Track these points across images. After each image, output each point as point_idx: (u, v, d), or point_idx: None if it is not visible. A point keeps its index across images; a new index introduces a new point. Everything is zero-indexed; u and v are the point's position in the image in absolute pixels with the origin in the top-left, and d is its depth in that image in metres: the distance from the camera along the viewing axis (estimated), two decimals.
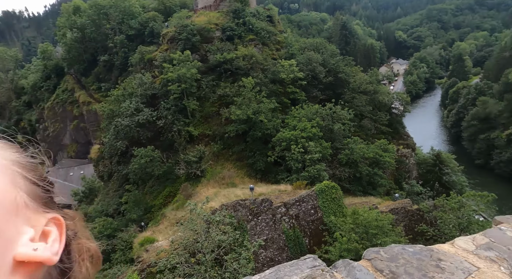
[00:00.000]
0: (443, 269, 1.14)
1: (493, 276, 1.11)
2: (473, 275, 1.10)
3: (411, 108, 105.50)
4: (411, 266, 1.17)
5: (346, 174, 29.22)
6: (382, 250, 1.29)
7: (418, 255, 1.24)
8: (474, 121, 65.05)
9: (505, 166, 54.04)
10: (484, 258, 1.20)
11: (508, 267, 1.13)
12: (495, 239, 1.28)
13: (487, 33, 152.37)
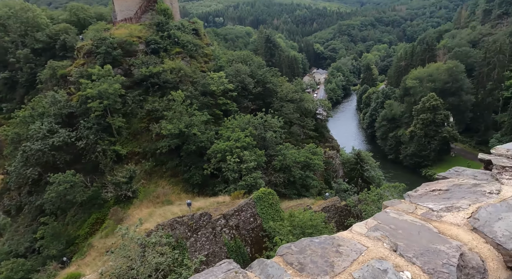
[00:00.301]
0: (341, 253, 1.34)
1: (377, 252, 1.35)
2: (363, 254, 1.33)
3: (333, 113, 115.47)
4: (316, 255, 1.32)
5: (281, 179, 30.51)
6: (293, 244, 1.41)
7: (323, 244, 1.39)
8: (384, 122, 74.36)
9: (410, 159, 62.83)
10: (372, 238, 1.44)
11: (389, 242, 1.40)
12: (381, 221, 1.57)
13: (387, 46, 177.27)
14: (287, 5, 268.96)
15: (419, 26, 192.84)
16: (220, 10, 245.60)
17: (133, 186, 22.16)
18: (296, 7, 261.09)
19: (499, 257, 1.20)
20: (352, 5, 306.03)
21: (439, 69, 71.55)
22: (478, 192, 1.49)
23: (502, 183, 1.48)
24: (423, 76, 72.43)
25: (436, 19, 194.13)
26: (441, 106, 61.46)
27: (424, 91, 67.48)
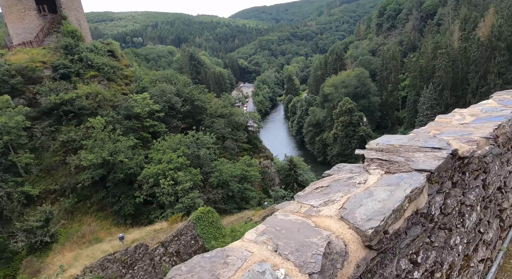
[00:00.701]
0: (228, 264, 1.33)
1: (260, 255, 1.37)
2: (247, 260, 1.33)
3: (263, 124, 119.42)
4: (204, 271, 1.29)
5: (220, 195, 30.16)
6: (183, 264, 1.36)
7: (213, 258, 1.37)
8: (310, 127, 79.89)
9: (336, 158, 68.40)
10: (259, 243, 1.46)
11: (272, 244, 1.45)
12: (269, 224, 1.62)
13: (304, 58, 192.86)
14: (207, 23, 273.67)
15: (328, 39, 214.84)
16: (138, 30, 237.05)
17: (51, 229, 19.28)
18: (217, 25, 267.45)
19: (358, 239, 1.39)
20: (269, 22, 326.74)
21: (349, 76, 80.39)
22: (351, 184, 1.71)
23: (370, 173, 1.72)
24: (337, 83, 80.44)
25: (341, 32, 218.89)
26: (355, 108, 68.77)
27: (340, 96, 74.87)
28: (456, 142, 1.79)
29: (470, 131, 2.05)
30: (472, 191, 1.78)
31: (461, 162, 1.71)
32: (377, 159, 1.78)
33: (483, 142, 1.91)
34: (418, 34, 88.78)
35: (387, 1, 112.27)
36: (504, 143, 2.19)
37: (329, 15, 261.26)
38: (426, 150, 1.70)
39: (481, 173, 1.88)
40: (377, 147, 1.97)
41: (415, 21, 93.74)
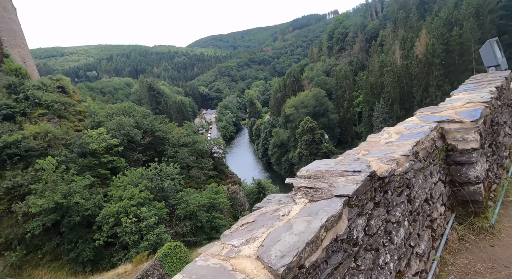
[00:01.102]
0: None
1: None
2: None
3: (229, 149, 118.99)
4: None
5: (188, 227, 28.88)
6: None
7: None
8: (275, 148, 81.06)
9: None
10: None
11: None
12: (186, 274, 1.47)
13: (263, 81, 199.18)
14: (164, 53, 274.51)
15: (285, 62, 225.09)
16: (91, 63, 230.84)
17: None
18: (174, 54, 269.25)
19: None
20: (226, 49, 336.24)
21: (307, 96, 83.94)
22: (275, 217, 1.67)
23: (296, 202, 1.70)
24: (297, 104, 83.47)
25: (296, 56, 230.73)
26: (316, 127, 71.35)
27: (301, 116, 77.50)
28: (376, 163, 1.85)
29: (393, 150, 2.14)
30: (397, 207, 1.83)
31: (381, 181, 1.76)
32: (304, 187, 1.77)
33: (403, 160, 1.99)
34: (365, 54, 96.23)
35: (335, 26, 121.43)
36: (425, 157, 2.32)
37: (283, 40, 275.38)
38: (348, 174, 1.73)
39: (404, 189, 1.94)
40: (306, 174, 1.98)
41: (361, 43, 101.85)
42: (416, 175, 2.13)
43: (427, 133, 2.48)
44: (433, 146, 2.55)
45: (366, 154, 2.20)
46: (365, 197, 1.62)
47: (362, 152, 2.27)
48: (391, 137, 2.55)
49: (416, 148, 2.23)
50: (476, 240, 2.40)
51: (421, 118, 3.02)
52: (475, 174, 2.66)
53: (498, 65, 6.08)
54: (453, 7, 68.39)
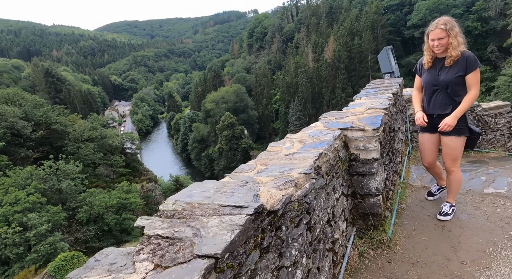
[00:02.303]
0: None
1: None
2: None
3: (146, 144, 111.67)
4: None
5: (92, 232, 25.71)
6: None
7: None
8: (195, 143, 79.11)
9: (223, 172, 69.53)
10: None
11: None
12: None
13: (184, 74, 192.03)
14: (67, 35, 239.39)
15: (206, 56, 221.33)
16: None
17: None
18: (80, 37, 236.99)
19: None
20: (143, 37, 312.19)
21: (228, 92, 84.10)
22: None
23: (135, 269, 1.09)
24: (217, 99, 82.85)
25: (217, 50, 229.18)
26: (236, 122, 72.09)
27: (221, 112, 77.25)
28: (268, 190, 1.40)
29: (293, 165, 1.81)
30: (294, 243, 1.45)
31: (273, 216, 1.35)
32: (157, 235, 1.18)
33: (303, 179, 1.66)
34: (282, 55, 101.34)
35: (254, 25, 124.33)
36: (328, 171, 2.08)
37: (204, 34, 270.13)
38: (226, 210, 1.23)
39: (304, 216, 1.60)
40: (171, 209, 1.37)
41: (278, 44, 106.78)
42: (318, 195, 1.84)
43: (331, 142, 2.25)
44: (336, 157, 2.35)
45: (262, 170, 1.81)
46: (247, 246, 1.15)
47: (259, 166, 1.88)
48: (293, 147, 2.25)
49: (318, 162, 1.94)
50: (375, 256, 2.31)
51: (326, 124, 2.85)
52: (375, 185, 2.58)
53: (393, 72, 6.64)
54: (355, 19, 77.20)
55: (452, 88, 3.18)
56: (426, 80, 3.32)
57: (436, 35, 3.08)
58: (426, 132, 3.51)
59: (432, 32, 3.12)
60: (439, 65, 3.25)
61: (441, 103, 3.27)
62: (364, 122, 2.83)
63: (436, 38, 3.09)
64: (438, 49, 3.13)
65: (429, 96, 3.36)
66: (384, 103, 3.60)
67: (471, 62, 3.12)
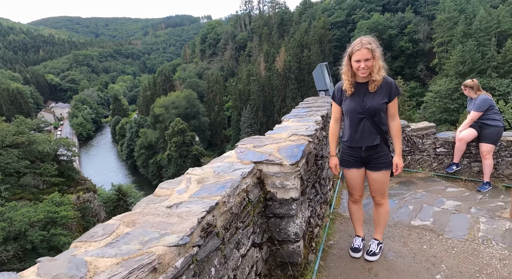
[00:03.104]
0: None
1: None
2: None
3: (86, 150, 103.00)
4: None
5: (11, 252, 22.36)
6: None
7: None
8: (142, 150, 74.84)
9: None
10: None
11: None
12: None
13: (132, 77, 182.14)
14: None
15: (157, 59, 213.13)
16: None
17: None
18: (9, 30, 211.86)
19: None
20: (86, 35, 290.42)
21: (179, 97, 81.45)
22: None
23: None
24: (167, 104, 79.70)
25: (169, 54, 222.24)
26: (187, 128, 69.92)
27: (171, 117, 74.38)
28: None
29: (168, 227, 1.26)
30: None
31: None
32: None
33: (171, 256, 1.14)
34: (235, 62, 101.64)
35: (207, 30, 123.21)
36: (229, 223, 1.60)
37: (155, 36, 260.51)
38: None
39: None
40: None
41: (231, 51, 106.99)
42: (207, 263, 1.36)
43: (237, 183, 1.80)
44: (244, 201, 1.89)
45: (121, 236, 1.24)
46: None
47: (121, 228, 1.31)
48: (188, 190, 1.74)
49: (210, 217, 1.45)
50: None
51: (240, 154, 2.41)
52: (295, 230, 2.18)
53: (327, 89, 6.52)
54: (304, 32, 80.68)
55: (378, 116, 2.86)
56: (350, 108, 2.92)
57: (363, 55, 2.70)
58: (353, 168, 3.08)
59: (357, 52, 2.72)
60: (362, 91, 2.88)
61: (369, 133, 2.89)
62: (283, 154, 2.47)
63: (363, 59, 2.70)
64: (363, 72, 2.75)
65: (354, 126, 2.94)
66: (311, 128, 3.28)
67: (395, 88, 2.88)
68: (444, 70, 58.79)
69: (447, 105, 53.14)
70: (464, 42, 55.26)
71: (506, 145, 5.41)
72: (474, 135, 5.24)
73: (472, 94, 5.23)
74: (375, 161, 2.97)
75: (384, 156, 2.95)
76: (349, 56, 2.82)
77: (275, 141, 2.90)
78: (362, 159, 3.00)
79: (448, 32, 61.04)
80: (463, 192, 4.88)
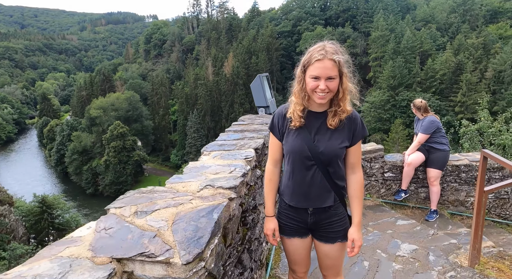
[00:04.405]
0: None
1: None
2: None
3: (6, 155, 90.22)
4: None
5: None
6: None
7: None
8: (75, 155, 68.00)
9: (109, 188, 61.97)
10: None
11: None
12: None
13: (65, 74, 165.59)
14: None
15: (95, 57, 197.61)
16: None
17: None
18: None
19: None
20: (8, 25, 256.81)
21: (119, 99, 76.16)
22: None
23: None
24: (106, 105, 73.92)
25: (109, 52, 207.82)
26: (128, 132, 65.53)
27: (110, 120, 69.10)
28: None
29: None
30: None
31: None
32: None
33: None
34: (182, 65, 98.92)
35: (153, 30, 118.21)
36: None
37: (94, 32, 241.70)
38: None
39: None
40: None
41: (178, 53, 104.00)
42: None
43: None
44: None
45: None
46: None
47: None
48: None
49: None
50: None
51: (99, 236, 1.53)
52: None
53: (268, 106, 5.50)
54: (252, 39, 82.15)
55: (335, 165, 1.95)
56: (295, 149, 1.94)
57: (324, 71, 1.77)
58: (295, 236, 2.12)
59: (317, 63, 1.78)
60: (315, 126, 1.92)
61: (319, 189, 1.96)
62: (179, 235, 1.48)
63: (325, 77, 1.77)
64: (322, 97, 1.81)
65: (299, 177, 1.97)
66: (238, 171, 2.30)
67: (360, 127, 1.96)
68: (378, 83, 64.58)
69: (380, 115, 58.38)
70: (394, 59, 61.49)
71: (451, 170, 5.17)
72: (422, 159, 4.99)
73: (419, 114, 5.01)
74: (327, 229, 2.04)
75: (339, 221, 2.03)
76: (303, 68, 1.86)
77: (175, 198, 1.84)
78: (308, 225, 2.07)
79: (381, 48, 67.47)
80: (413, 225, 4.56)
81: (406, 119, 54.36)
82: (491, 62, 56.86)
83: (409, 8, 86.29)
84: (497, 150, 8.31)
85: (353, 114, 1.95)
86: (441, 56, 61.67)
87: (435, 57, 62.49)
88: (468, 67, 56.38)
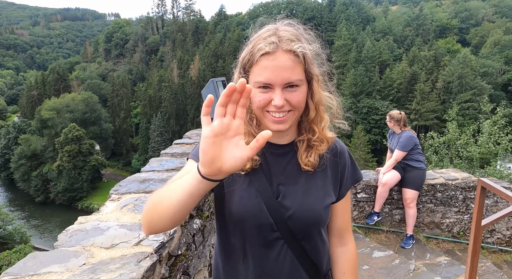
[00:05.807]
0: None
1: None
2: None
3: None
4: None
5: None
6: None
7: None
8: (22, 160, 62.13)
9: (62, 195, 57.36)
10: None
11: None
12: None
13: (14, 72, 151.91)
14: None
15: (49, 54, 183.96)
16: None
17: None
18: None
19: None
20: None
21: (75, 100, 71.14)
22: None
23: None
24: (60, 107, 68.66)
25: (65, 50, 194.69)
26: (84, 136, 61.23)
27: (65, 122, 64.22)
28: None
29: None
30: None
31: None
32: None
33: None
34: (145, 66, 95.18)
35: (114, 29, 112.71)
36: None
37: (48, 28, 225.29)
38: None
39: None
40: None
41: (141, 54, 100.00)
42: None
43: None
44: None
45: None
46: None
47: None
48: None
49: None
50: None
51: None
52: None
53: None
54: (219, 43, 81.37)
55: (315, 238, 1.10)
56: (246, 212, 1.03)
57: (279, 72, 0.94)
58: None
59: (265, 59, 0.96)
60: (277, 169, 1.07)
61: (288, 276, 1.08)
62: None
63: (281, 83, 0.96)
64: (280, 119, 0.98)
65: (254, 262, 1.07)
66: (149, 242, 1.49)
67: (352, 168, 1.20)
68: (341, 90, 66.85)
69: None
70: (356, 67, 64.11)
71: (427, 189, 4.81)
72: (397, 179, 4.61)
73: (396, 128, 4.55)
74: None
75: None
76: (243, 71, 1.06)
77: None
78: None
79: (344, 57, 70.07)
80: (391, 258, 4.18)
81: (367, 125, 56.72)
82: (441, 73, 61.51)
83: (369, 19, 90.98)
84: (465, 163, 8.48)
85: (337, 145, 1.17)
86: (398, 67, 65.60)
87: (393, 67, 66.31)
88: (422, 77, 60.44)
